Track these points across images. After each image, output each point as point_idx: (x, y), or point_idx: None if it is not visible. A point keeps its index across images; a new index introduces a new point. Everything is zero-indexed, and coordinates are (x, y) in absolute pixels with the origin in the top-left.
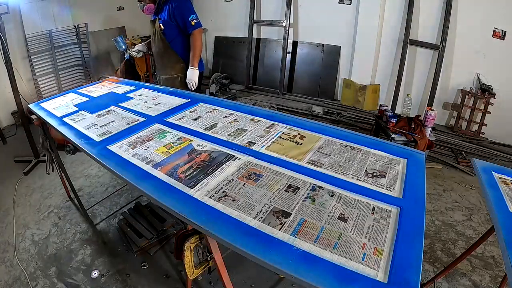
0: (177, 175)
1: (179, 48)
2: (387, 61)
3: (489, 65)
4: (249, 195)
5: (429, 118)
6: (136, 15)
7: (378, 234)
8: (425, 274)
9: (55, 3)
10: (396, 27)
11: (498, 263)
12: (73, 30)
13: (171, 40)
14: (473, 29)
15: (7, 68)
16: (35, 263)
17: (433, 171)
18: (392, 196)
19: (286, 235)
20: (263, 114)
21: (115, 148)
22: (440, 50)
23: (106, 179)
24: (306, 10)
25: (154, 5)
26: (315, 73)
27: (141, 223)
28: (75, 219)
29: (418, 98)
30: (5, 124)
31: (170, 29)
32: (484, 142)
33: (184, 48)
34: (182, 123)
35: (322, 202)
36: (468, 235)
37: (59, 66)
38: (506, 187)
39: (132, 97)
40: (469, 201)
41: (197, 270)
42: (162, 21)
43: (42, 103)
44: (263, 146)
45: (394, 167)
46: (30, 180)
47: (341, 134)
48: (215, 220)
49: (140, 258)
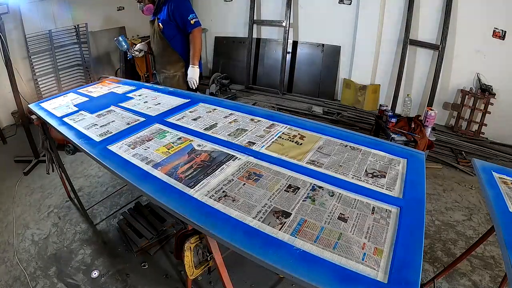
0: (177, 175)
1: (179, 47)
2: (387, 61)
3: (489, 65)
4: (249, 195)
5: (429, 118)
6: (136, 15)
7: (378, 234)
8: (425, 274)
9: (55, 3)
10: (396, 27)
11: (498, 263)
12: (73, 30)
13: (170, 39)
14: (473, 29)
15: (7, 68)
16: (35, 263)
17: (433, 171)
18: (392, 196)
19: (286, 235)
20: (263, 114)
21: (115, 148)
22: (440, 50)
23: (106, 179)
24: (306, 10)
25: (153, 5)
26: (315, 73)
27: (141, 223)
28: (75, 219)
29: (418, 98)
30: (5, 124)
31: (169, 29)
32: (484, 142)
33: (183, 47)
34: (182, 123)
35: (322, 202)
36: (468, 235)
37: (59, 66)
38: (506, 187)
39: (132, 97)
40: (469, 201)
41: (197, 270)
42: (161, 20)
43: (42, 103)
44: (263, 146)
45: (394, 167)
46: (30, 180)
47: (341, 134)
48: (215, 220)
49: (140, 258)
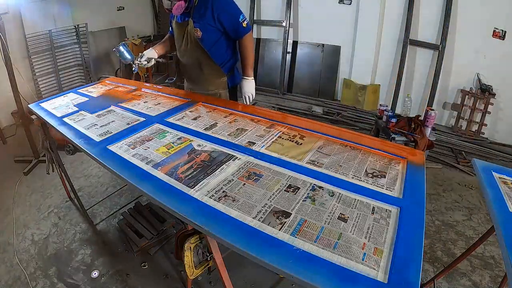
0: (177, 175)
1: (219, 57)
2: (387, 61)
3: (489, 65)
4: (249, 195)
5: (429, 118)
6: (136, 15)
7: (378, 234)
8: (425, 274)
9: (55, 3)
10: (396, 27)
11: (498, 263)
12: (73, 30)
13: (209, 48)
14: (473, 29)
15: (7, 68)
16: (35, 263)
17: (433, 171)
18: (392, 196)
19: (286, 235)
20: (263, 114)
21: (115, 148)
22: (440, 50)
23: (106, 179)
24: (306, 10)
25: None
26: (315, 73)
27: (141, 223)
28: (75, 219)
29: (418, 98)
30: (5, 124)
31: (210, 35)
32: (484, 142)
33: (224, 56)
34: (182, 123)
35: (322, 202)
36: (468, 235)
37: (59, 66)
38: (506, 187)
39: (132, 97)
40: (469, 201)
41: (197, 270)
42: (199, 25)
43: (42, 103)
44: (263, 146)
45: (394, 167)
46: (30, 180)
47: (341, 134)
48: (215, 220)
49: (140, 258)
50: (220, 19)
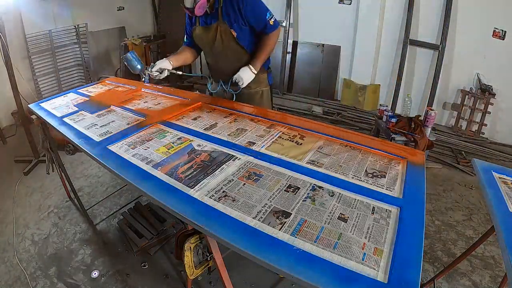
0: (177, 175)
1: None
2: (387, 61)
3: (489, 65)
4: (249, 195)
5: (429, 118)
6: (136, 15)
7: (378, 234)
8: (425, 274)
9: (55, 3)
10: (396, 27)
11: (498, 263)
12: (73, 30)
13: (247, 45)
14: (473, 29)
15: (7, 68)
16: (35, 263)
17: (433, 171)
18: (392, 196)
19: (286, 235)
20: (263, 114)
21: (115, 148)
22: (440, 50)
23: (106, 179)
24: (306, 10)
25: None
26: (315, 73)
27: (141, 223)
28: (75, 219)
29: (418, 98)
30: (5, 124)
31: (244, 35)
32: (484, 142)
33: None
34: (182, 123)
35: (322, 202)
36: (468, 235)
37: (59, 66)
38: (506, 187)
39: (132, 97)
40: (469, 201)
41: (197, 270)
42: (234, 25)
43: (42, 103)
44: (263, 146)
45: (394, 167)
46: (30, 180)
47: (341, 134)
48: (215, 220)
49: (140, 258)
50: (247, 18)
